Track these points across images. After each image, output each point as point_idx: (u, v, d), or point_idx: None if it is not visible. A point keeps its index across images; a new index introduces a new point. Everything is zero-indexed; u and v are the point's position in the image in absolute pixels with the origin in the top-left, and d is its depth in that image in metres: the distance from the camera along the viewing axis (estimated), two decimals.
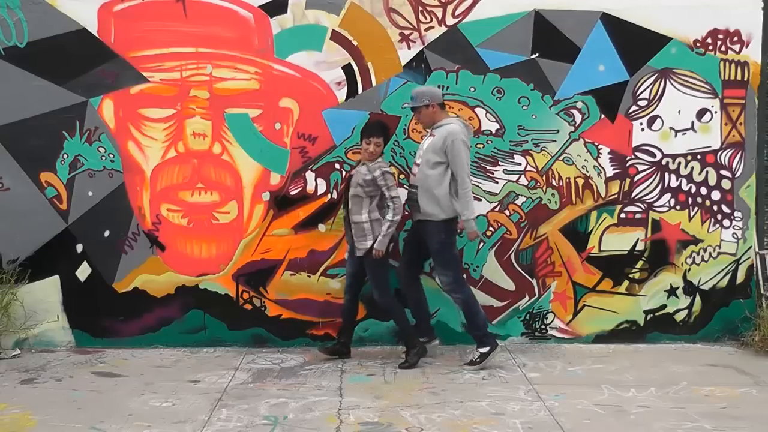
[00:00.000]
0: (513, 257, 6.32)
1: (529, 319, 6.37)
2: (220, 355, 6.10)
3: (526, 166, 6.28)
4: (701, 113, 6.29)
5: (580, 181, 6.30)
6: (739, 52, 6.24)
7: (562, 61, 6.19)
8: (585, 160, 6.29)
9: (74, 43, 6.04)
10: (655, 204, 6.34)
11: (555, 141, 6.26)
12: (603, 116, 6.26)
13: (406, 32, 6.17)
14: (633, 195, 6.32)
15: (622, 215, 6.34)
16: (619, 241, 6.34)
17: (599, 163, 6.29)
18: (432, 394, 5.12)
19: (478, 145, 6.18)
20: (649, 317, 6.39)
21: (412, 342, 5.79)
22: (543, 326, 6.38)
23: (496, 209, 6.28)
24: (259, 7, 6.10)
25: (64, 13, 6.04)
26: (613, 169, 6.30)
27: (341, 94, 6.17)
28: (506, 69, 6.17)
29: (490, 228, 6.29)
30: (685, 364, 5.82)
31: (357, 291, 5.95)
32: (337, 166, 6.21)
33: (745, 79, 6.26)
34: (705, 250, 6.37)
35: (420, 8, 6.15)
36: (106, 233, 6.21)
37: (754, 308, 6.30)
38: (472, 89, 6.19)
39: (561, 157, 6.28)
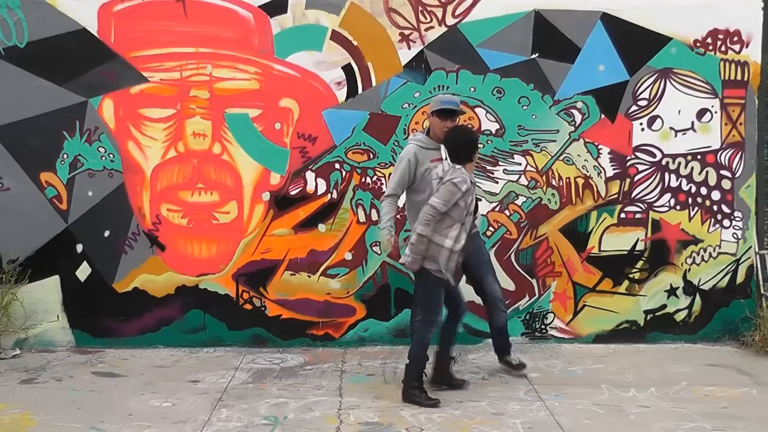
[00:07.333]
0: (513, 257, 6.32)
1: (529, 319, 6.37)
2: (220, 355, 6.10)
3: (526, 166, 6.28)
4: (701, 113, 6.29)
5: (580, 181, 6.30)
6: (739, 52, 6.24)
7: (562, 61, 6.19)
8: (585, 160, 6.29)
9: (74, 43, 6.04)
10: (655, 204, 6.33)
11: (555, 141, 6.26)
12: (603, 116, 6.25)
13: (406, 32, 6.17)
14: (633, 195, 6.32)
15: (622, 215, 6.33)
16: (619, 241, 6.34)
17: (599, 163, 6.29)
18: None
19: (479, 145, 6.16)
20: (649, 317, 6.39)
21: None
22: (543, 326, 6.38)
23: (496, 209, 6.28)
24: (259, 7, 6.10)
25: (64, 13, 6.04)
26: (613, 169, 6.30)
27: (341, 94, 6.17)
28: (506, 69, 6.17)
29: (490, 228, 6.28)
30: (685, 364, 5.82)
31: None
32: (337, 166, 6.21)
33: (745, 79, 6.26)
34: (705, 250, 6.37)
35: (420, 8, 6.15)
36: (106, 233, 6.21)
37: (754, 308, 6.30)
38: (472, 89, 6.18)
39: (561, 157, 6.28)
